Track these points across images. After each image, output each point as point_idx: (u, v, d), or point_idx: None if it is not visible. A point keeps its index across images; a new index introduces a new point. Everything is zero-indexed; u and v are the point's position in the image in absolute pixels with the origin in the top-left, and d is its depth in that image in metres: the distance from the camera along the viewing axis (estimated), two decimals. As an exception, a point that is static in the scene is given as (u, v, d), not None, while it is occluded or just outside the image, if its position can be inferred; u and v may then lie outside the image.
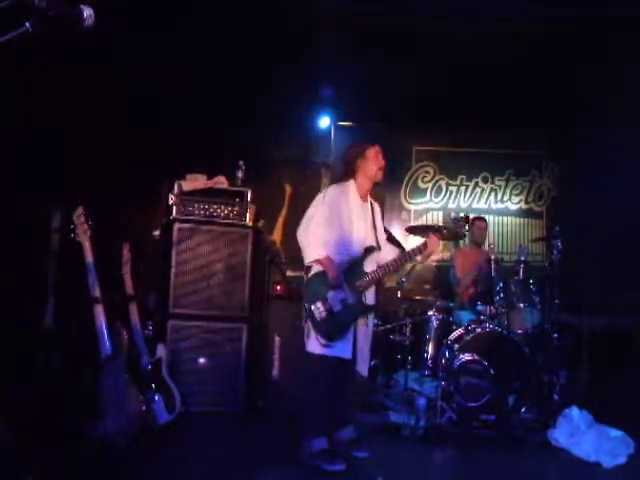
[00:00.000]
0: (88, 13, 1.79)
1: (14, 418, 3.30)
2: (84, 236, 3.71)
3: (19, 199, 4.08)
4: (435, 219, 6.76)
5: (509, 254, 6.47)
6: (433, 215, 6.80)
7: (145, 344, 3.97)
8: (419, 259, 3.72)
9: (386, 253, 3.66)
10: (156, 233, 5.28)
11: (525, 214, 6.82)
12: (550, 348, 4.53)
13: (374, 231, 3.65)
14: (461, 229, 3.76)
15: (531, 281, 4.71)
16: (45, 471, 2.93)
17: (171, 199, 4.74)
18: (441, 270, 6.40)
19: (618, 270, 5.60)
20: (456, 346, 4.35)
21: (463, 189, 6.82)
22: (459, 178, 6.82)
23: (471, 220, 5.74)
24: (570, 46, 5.21)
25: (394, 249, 3.78)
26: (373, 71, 5.54)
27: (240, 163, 5.03)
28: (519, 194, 6.82)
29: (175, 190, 4.73)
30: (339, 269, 3.41)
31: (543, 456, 3.76)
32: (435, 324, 4.79)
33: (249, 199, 4.85)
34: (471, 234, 5.68)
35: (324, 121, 6.60)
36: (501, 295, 4.68)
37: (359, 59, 5.33)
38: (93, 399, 3.50)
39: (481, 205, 6.80)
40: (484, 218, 5.92)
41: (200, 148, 5.65)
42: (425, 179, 6.81)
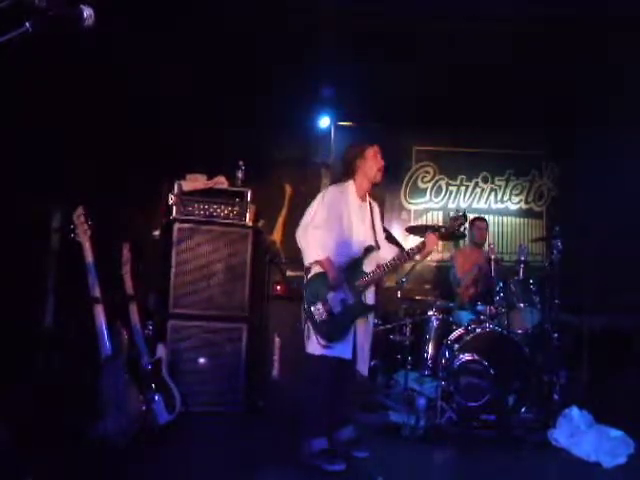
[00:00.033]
0: (88, 13, 1.79)
1: (14, 418, 3.30)
2: (84, 236, 3.71)
3: (19, 199, 4.08)
4: (435, 219, 6.75)
5: (509, 254, 6.46)
6: (433, 215, 6.79)
7: (145, 344, 3.97)
8: (418, 258, 3.72)
9: (385, 253, 3.65)
10: (156, 233, 5.28)
11: (525, 214, 6.82)
12: (550, 348, 4.53)
13: (373, 231, 3.65)
14: (459, 226, 3.76)
15: (531, 281, 4.72)
16: (45, 471, 2.93)
17: (171, 199, 4.75)
18: (441, 270, 6.40)
19: (618, 270, 5.60)
20: (456, 346, 4.35)
21: (463, 189, 6.82)
22: (459, 178, 6.81)
23: (471, 220, 5.77)
24: (570, 46, 5.20)
25: (393, 248, 3.78)
26: (373, 71, 5.54)
27: (240, 163, 5.04)
28: (519, 194, 6.82)
29: (175, 190, 4.73)
30: (339, 270, 3.41)
31: (543, 456, 3.76)
32: (435, 324, 4.79)
33: (249, 199, 4.85)
34: (471, 234, 5.70)
35: (324, 121, 6.59)
36: (501, 295, 4.68)
37: (359, 59, 5.32)
38: (93, 399, 3.50)
39: (481, 205, 6.80)
40: (484, 218, 5.91)
41: (200, 148, 5.65)
42: (425, 179, 6.81)
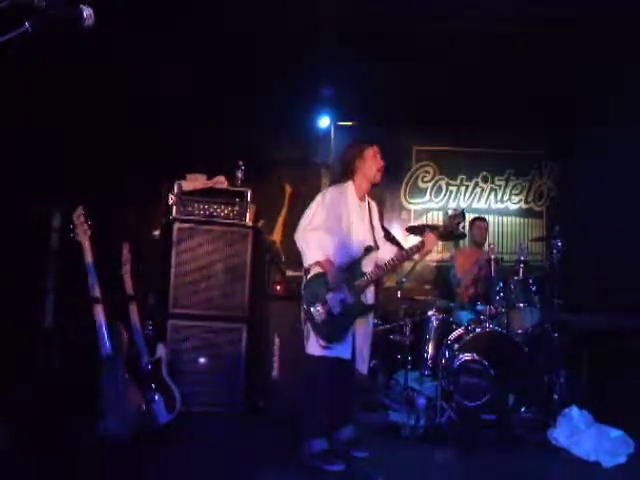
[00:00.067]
0: (88, 13, 1.79)
1: (14, 418, 3.31)
2: (84, 236, 3.72)
3: (19, 199, 4.09)
4: (435, 219, 6.75)
5: (509, 254, 6.47)
6: (433, 215, 6.79)
7: (145, 344, 3.97)
8: (417, 257, 3.72)
9: (384, 252, 3.65)
10: (156, 233, 5.29)
11: (525, 214, 6.82)
12: (550, 348, 4.53)
13: (371, 230, 3.65)
14: (458, 225, 3.74)
15: (531, 281, 4.72)
16: (45, 471, 2.94)
17: (171, 199, 4.75)
18: (441, 270, 6.40)
19: (618, 270, 5.60)
20: (456, 346, 4.35)
21: (463, 189, 6.82)
22: (459, 178, 6.81)
23: (471, 220, 5.78)
24: (570, 46, 5.19)
25: (392, 248, 3.78)
26: (373, 71, 5.53)
27: (240, 163, 5.04)
28: (519, 194, 6.82)
29: (175, 190, 4.74)
30: (339, 270, 3.41)
31: (543, 456, 3.76)
32: (435, 324, 4.79)
33: (249, 199, 4.86)
34: (471, 234, 5.70)
35: (324, 121, 6.59)
36: (501, 295, 4.69)
37: (359, 59, 5.31)
38: (93, 399, 3.50)
39: (481, 205, 6.80)
40: (484, 218, 5.91)
41: (200, 148, 5.65)
42: (425, 179, 6.81)
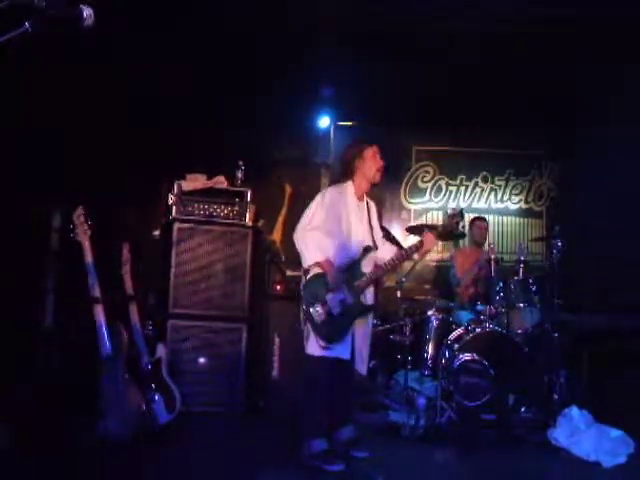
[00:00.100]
0: (88, 13, 1.79)
1: (14, 418, 3.31)
2: (84, 236, 3.72)
3: (19, 199, 4.09)
4: (435, 219, 6.75)
5: (509, 254, 6.47)
6: (433, 215, 6.79)
7: (145, 344, 3.97)
8: (416, 257, 3.72)
9: (384, 252, 3.65)
10: (156, 233, 5.29)
11: (525, 214, 6.82)
12: (550, 348, 4.53)
13: (370, 231, 3.65)
14: (457, 224, 3.73)
15: (531, 281, 4.72)
16: (45, 471, 2.93)
17: (171, 199, 4.75)
18: (441, 270, 6.40)
19: (618, 270, 5.60)
20: (456, 346, 4.35)
21: (463, 189, 6.81)
22: (459, 178, 6.81)
23: (471, 220, 5.79)
24: (570, 46, 5.19)
25: (392, 248, 3.77)
26: (373, 71, 5.53)
27: (240, 163, 5.04)
28: (519, 194, 6.81)
29: (175, 190, 4.74)
30: (338, 271, 3.41)
31: (543, 456, 3.76)
32: (435, 324, 4.79)
33: (249, 199, 4.86)
34: (471, 234, 5.70)
35: (324, 121, 6.59)
36: (501, 295, 4.69)
37: (359, 59, 5.31)
38: (93, 399, 3.50)
39: (481, 205, 6.80)
40: (484, 218, 5.91)
41: (200, 148, 5.65)
42: (425, 179, 6.80)
